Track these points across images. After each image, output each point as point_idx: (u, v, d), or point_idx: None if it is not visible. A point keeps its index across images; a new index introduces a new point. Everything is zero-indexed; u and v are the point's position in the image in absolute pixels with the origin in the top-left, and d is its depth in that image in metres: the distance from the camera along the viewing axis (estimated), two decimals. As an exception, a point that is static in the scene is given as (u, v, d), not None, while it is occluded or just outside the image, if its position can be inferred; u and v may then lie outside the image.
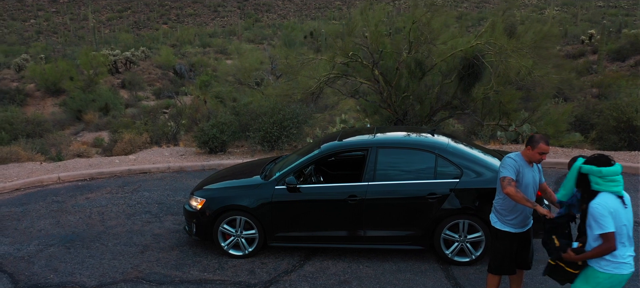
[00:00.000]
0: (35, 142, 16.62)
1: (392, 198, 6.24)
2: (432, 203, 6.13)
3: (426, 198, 6.13)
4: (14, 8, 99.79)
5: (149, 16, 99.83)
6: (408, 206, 6.21)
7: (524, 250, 5.07)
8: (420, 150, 6.38)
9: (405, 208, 6.22)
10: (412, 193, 6.19)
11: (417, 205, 6.17)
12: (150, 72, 41.14)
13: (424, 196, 6.14)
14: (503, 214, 4.90)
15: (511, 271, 5.02)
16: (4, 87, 33.21)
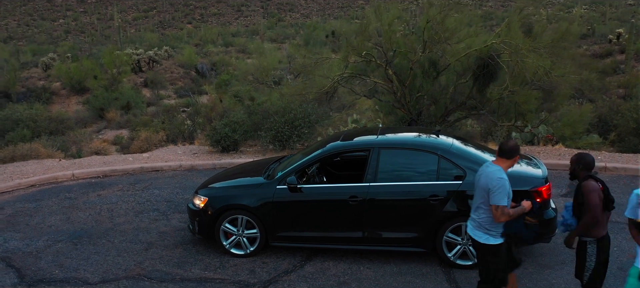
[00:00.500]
0: (56, 140, 16.98)
1: (393, 199, 6.18)
2: (434, 205, 6.04)
3: (428, 199, 6.05)
4: (44, 8, 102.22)
5: (174, 16, 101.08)
6: (410, 208, 6.14)
7: (510, 251, 4.97)
8: (422, 151, 6.30)
9: (407, 209, 6.14)
10: (414, 195, 6.11)
11: (419, 207, 6.09)
12: (172, 71, 41.63)
13: (426, 198, 6.06)
14: (492, 229, 4.66)
15: (506, 280, 4.89)
16: (31, 86, 34.01)
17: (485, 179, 4.60)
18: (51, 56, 42.04)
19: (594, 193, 4.36)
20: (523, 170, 6.32)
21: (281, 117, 11.63)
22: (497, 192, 4.49)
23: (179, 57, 44.37)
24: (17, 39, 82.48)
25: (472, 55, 11.95)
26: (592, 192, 4.36)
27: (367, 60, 13.18)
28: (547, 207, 6.12)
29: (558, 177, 9.59)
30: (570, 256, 6.40)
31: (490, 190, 4.53)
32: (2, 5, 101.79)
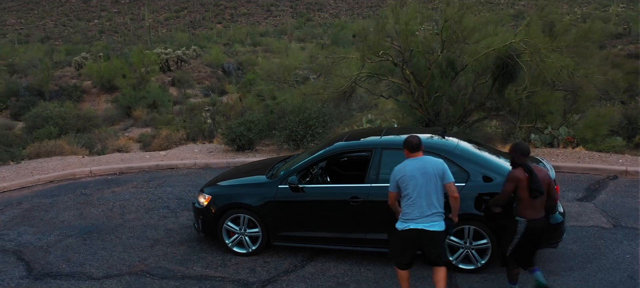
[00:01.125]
0: (82, 137, 17.38)
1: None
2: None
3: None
4: (80, 9, 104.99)
5: (204, 16, 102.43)
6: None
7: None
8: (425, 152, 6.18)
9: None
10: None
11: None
12: (200, 70, 42.18)
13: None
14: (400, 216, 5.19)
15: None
16: (63, 84, 34.95)
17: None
18: (83, 55, 43.12)
19: (510, 182, 5.06)
20: (528, 173, 6.14)
21: (295, 116, 11.62)
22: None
23: (206, 57, 44.96)
24: (54, 39, 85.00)
25: (491, 55, 11.72)
26: (510, 181, 5.06)
27: (384, 59, 13.08)
28: (554, 211, 5.92)
29: (576, 181, 9.32)
30: (578, 262, 6.21)
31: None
32: (40, 6, 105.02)
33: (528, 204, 5.00)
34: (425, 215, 4.92)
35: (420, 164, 5.02)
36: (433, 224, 4.94)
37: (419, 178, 4.94)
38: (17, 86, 32.75)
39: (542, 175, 5.08)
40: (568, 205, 8.07)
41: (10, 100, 31.33)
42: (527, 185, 4.94)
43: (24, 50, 50.40)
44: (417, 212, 4.92)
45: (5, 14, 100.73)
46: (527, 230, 5.04)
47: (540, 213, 5.07)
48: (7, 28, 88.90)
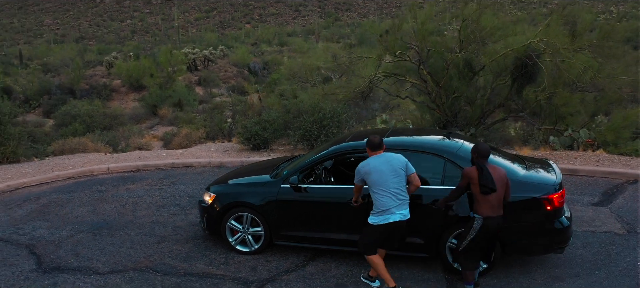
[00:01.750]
0: (107, 135, 17.81)
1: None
2: (437, 210, 5.84)
3: (431, 204, 5.86)
4: (113, 10, 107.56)
5: (234, 16, 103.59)
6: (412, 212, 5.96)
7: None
8: (428, 153, 6.12)
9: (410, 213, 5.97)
10: (417, 199, 5.93)
11: (422, 211, 5.91)
12: (226, 69, 42.69)
13: (429, 203, 5.87)
14: (374, 210, 5.49)
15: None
16: (94, 83, 35.88)
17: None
18: (114, 55, 44.17)
19: (463, 179, 5.28)
20: (533, 176, 6.01)
21: (310, 116, 11.63)
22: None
23: (232, 57, 45.45)
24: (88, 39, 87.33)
25: (509, 56, 11.51)
26: (463, 177, 5.29)
27: (402, 59, 13.00)
28: (560, 215, 5.78)
29: (593, 185, 9.06)
30: (586, 269, 6.04)
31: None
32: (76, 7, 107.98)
33: (482, 201, 5.19)
34: (397, 204, 5.32)
35: (383, 159, 5.42)
36: (405, 214, 5.39)
37: (386, 171, 5.32)
38: (50, 85, 33.76)
39: (498, 174, 5.25)
40: (582, 210, 7.86)
41: (43, 98, 32.33)
42: (477, 182, 5.17)
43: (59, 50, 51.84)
44: (391, 201, 5.29)
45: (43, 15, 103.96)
46: (482, 227, 5.22)
47: (497, 211, 5.24)
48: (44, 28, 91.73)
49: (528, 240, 5.78)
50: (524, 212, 5.74)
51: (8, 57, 55.83)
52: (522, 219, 5.74)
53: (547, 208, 5.66)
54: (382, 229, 5.34)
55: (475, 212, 5.29)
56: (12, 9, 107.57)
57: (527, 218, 5.73)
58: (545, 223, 5.71)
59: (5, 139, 11.52)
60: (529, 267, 6.09)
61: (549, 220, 5.71)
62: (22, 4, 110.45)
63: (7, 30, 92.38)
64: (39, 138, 17.28)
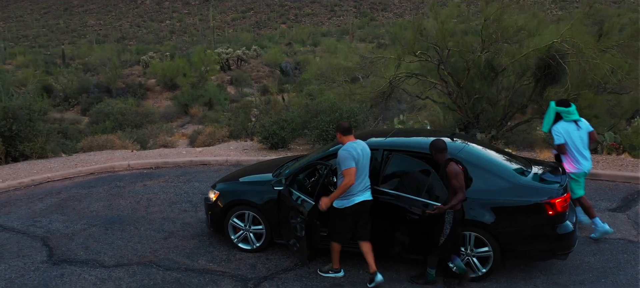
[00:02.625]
0: (136, 132, 18.29)
1: (392, 204, 5.96)
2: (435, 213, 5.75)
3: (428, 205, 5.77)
4: (153, 10, 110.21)
5: (269, 16, 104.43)
6: (409, 213, 5.89)
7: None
8: (427, 155, 6.02)
9: (407, 215, 5.91)
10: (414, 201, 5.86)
11: (419, 213, 5.83)
12: (258, 69, 43.12)
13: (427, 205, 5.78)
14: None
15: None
16: (130, 82, 36.84)
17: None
18: (151, 55, 45.27)
19: (459, 175, 5.31)
20: (536, 180, 5.85)
21: (327, 116, 11.64)
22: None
23: (265, 56, 45.86)
24: (129, 39, 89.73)
25: (531, 56, 11.22)
26: (458, 174, 5.30)
27: (422, 59, 12.85)
28: (562, 220, 5.60)
29: (614, 190, 8.74)
30: (592, 276, 5.84)
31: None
32: (117, 8, 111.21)
33: (452, 195, 5.38)
34: (364, 188, 5.67)
35: (361, 146, 5.72)
36: (370, 195, 5.72)
37: (363, 158, 5.63)
38: (88, 83, 34.86)
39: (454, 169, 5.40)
40: (598, 216, 7.58)
41: (81, 97, 33.45)
42: (463, 175, 5.41)
43: (99, 50, 53.51)
44: (361, 186, 5.62)
45: (87, 16, 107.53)
46: (455, 220, 5.41)
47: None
48: (87, 29, 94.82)
49: (528, 245, 5.64)
50: (523, 216, 5.61)
51: (52, 56, 57.98)
52: (522, 224, 5.61)
53: (549, 213, 5.51)
54: (353, 210, 5.61)
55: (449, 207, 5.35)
56: (59, 11, 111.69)
57: (527, 222, 5.59)
58: (546, 229, 5.55)
59: (34, 135, 11.96)
60: (531, 272, 5.94)
61: (551, 225, 5.54)
62: (68, 5, 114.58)
63: (53, 30, 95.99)
64: (71, 135, 17.91)
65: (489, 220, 5.60)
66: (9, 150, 11.78)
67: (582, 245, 6.59)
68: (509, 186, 5.69)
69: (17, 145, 11.81)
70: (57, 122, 25.75)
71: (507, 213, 5.62)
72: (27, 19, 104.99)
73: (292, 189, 6.21)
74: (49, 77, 36.72)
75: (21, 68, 43.75)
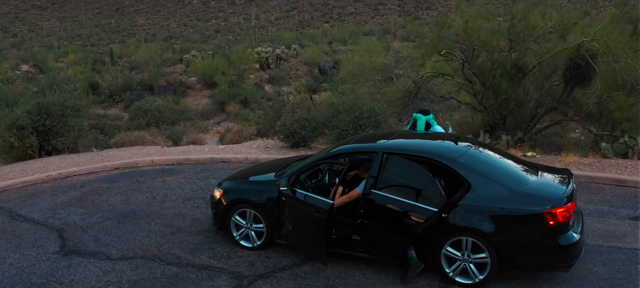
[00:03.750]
0: (169, 129, 18.76)
1: (390, 207, 5.86)
2: (434, 217, 5.62)
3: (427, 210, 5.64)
4: (200, 10, 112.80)
5: (313, 15, 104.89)
6: (407, 218, 5.78)
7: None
8: (426, 159, 5.89)
9: (405, 219, 5.80)
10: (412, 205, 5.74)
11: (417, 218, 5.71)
12: (297, 68, 43.39)
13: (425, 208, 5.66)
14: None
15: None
16: (171, 80, 37.85)
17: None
18: (193, 53, 46.31)
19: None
20: (539, 187, 5.62)
21: (347, 115, 11.58)
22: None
23: (304, 55, 46.10)
24: (175, 38, 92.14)
25: (559, 56, 10.80)
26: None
27: (447, 59, 12.61)
28: (565, 230, 5.35)
29: (638, 197, 8.28)
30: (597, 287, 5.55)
31: None
32: (166, 8, 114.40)
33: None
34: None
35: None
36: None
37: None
38: (132, 81, 36.03)
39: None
40: (616, 223, 7.24)
41: (125, 94, 34.62)
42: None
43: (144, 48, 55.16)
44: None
45: (137, 16, 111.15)
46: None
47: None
48: (137, 28, 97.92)
49: (527, 255, 5.41)
50: (522, 225, 5.39)
51: (102, 55, 60.25)
52: (520, 233, 5.40)
53: (550, 223, 5.27)
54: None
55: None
56: (111, 11, 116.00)
57: (526, 232, 5.37)
58: (546, 239, 5.32)
59: (66, 131, 12.46)
60: (534, 282, 5.70)
61: (552, 236, 5.31)
62: (119, 5, 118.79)
63: (104, 30, 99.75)
64: (108, 130, 18.55)
65: (486, 228, 5.42)
66: (42, 144, 12.31)
67: (592, 253, 6.30)
68: (508, 193, 5.49)
69: (50, 139, 12.34)
70: (100, 118, 26.83)
71: (505, 221, 5.42)
72: (82, 18, 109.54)
73: (295, 188, 6.24)
74: (96, 75, 38.13)
75: (72, 66, 45.71)
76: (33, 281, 6.14)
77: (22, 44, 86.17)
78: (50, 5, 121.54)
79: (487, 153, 6.29)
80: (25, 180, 10.14)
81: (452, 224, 5.56)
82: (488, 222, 5.43)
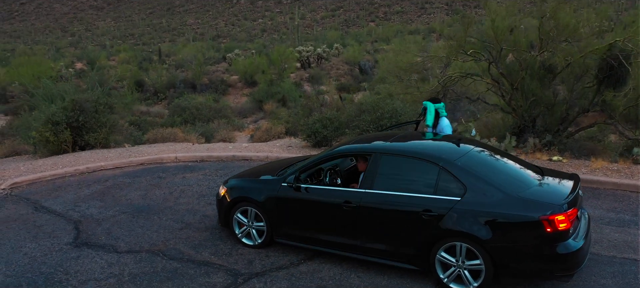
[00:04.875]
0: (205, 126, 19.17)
1: (386, 209, 5.79)
2: (427, 221, 5.51)
3: (420, 214, 5.54)
4: (247, 9, 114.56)
5: (359, 14, 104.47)
6: (402, 220, 5.69)
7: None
8: (423, 160, 5.77)
9: (400, 222, 5.71)
10: (407, 207, 5.65)
11: (411, 220, 5.62)
12: (338, 67, 43.34)
13: (419, 211, 5.55)
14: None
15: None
16: (214, 78, 38.60)
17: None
18: (236, 52, 47.08)
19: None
20: (537, 193, 5.39)
21: (369, 115, 11.48)
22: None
23: (345, 55, 46.02)
24: (223, 37, 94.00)
25: (592, 56, 10.32)
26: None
27: (474, 58, 12.30)
28: (564, 238, 5.11)
29: (668, 207, 7.80)
30: (599, 301, 5.28)
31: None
32: (214, 7, 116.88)
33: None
34: None
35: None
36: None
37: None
38: (175, 79, 37.01)
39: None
40: (634, 233, 6.84)
41: (169, 91, 35.60)
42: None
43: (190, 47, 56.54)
44: None
45: (187, 15, 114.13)
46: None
47: None
48: (186, 28, 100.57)
49: (523, 263, 5.21)
50: (518, 231, 5.19)
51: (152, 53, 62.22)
52: (516, 240, 5.20)
53: (547, 230, 5.05)
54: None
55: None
56: (162, 11, 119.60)
57: (522, 239, 5.17)
58: (544, 247, 5.10)
59: (98, 127, 12.95)
60: (534, 291, 5.49)
61: (549, 243, 5.08)
62: (170, 5, 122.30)
63: (156, 29, 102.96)
64: (144, 126, 19.13)
65: (481, 234, 5.25)
66: (76, 139, 12.85)
67: (603, 263, 5.99)
68: (505, 198, 5.29)
69: (83, 135, 12.85)
70: (143, 114, 27.73)
71: (501, 227, 5.23)
72: (135, 18, 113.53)
73: (300, 185, 6.32)
74: (142, 73, 39.40)
75: (122, 64, 47.44)
76: (42, 270, 6.41)
77: (79, 43, 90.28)
78: (106, 5, 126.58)
79: (490, 156, 6.09)
80: (54, 174, 10.60)
81: (447, 228, 5.42)
82: (483, 227, 5.26)
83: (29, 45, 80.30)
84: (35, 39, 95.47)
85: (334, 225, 6.15)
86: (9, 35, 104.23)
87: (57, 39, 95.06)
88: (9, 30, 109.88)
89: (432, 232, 5.49)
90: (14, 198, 9.30)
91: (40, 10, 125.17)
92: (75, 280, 6.12)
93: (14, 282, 6.11)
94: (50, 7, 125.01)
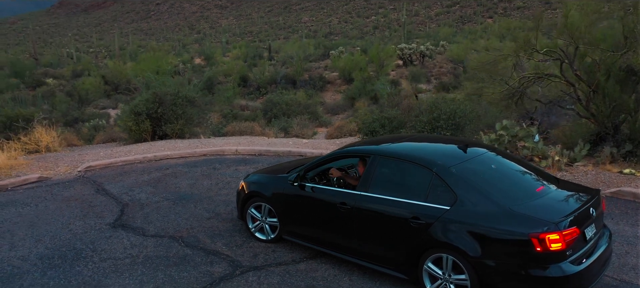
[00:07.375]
0: (284, 121, 19.74)
1: (378, 213, 5.62)
2: (415, 229, 5.26)
3: (408, 220, 5.30)
4: (361, 7, 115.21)
5: (476, 11, 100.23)
6: (391, 225, 5.49)
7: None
8: (418, 165, 5.50)
9: (390, 227, 5.51)
10: (396, 212, 5.44)
11: (400, 226, 5.40)
12: (441, 65, 42.03)
13: (407, 218, 5.31)
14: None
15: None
16: (314, 75, 39.44)
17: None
18: (340, 49, 47.61)
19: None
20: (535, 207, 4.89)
21: (425, 116, 11.07)
22: None
23: (449, 52, 44.51)
24: (335, 34, 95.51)
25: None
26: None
27: (547, 58, 11.34)
28: (558, 260, 4.59)
29: None
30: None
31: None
32: (329, 5, 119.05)
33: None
34: None
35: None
36: None
37: None
38: (278, 75, 38.41)
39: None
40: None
41: (270, 87, 37.07)
42: None
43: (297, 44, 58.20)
44: None
45: (302, 13, 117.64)
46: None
47: None
48: (301, 25, 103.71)
49: (510, 283, 4.76)
50: (506, 248, 4.77)
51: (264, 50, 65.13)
52: (503, 257, 4.78)
53: (537, 250, 4.57)
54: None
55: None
56: (279, 9, 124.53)
57: (510, 257, 4.74)
58: (532, 268, 4.62)
59: (175, 118, 13.92)
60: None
61: (539, 264, 4.60)
62: (287, 3, 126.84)
63: (272, 27, 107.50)
64: (228, 118, 20.13)
65: (467, 247, 4.89)
66: (155, 129, 13.93)
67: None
68: (497, 211, 4.86)
69: (162, 125, 13.89)
70: (242, 109, 29.20)
71: (489, 242, 4.83)
72: (254, 16, 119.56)
73: (304, 184, 6.37)
74: (247, 69, 41.41)
75: (233, 60, 50.31)
76: (76, 246, 7.09)
77: (203, 39, 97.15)
78: (229, 4, 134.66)
79: (499, 164, 5.62)
80: (125, 160, 11.61)
81: (434, 238, 5.12)
82: (470, 240, 4.89)
83: (161, 42, 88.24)
84: (166, 36, 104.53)
85: (332, 225, 6.09)
86: (145, 32, 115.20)
87: (184, 36, 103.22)
88: (146, 28, 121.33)
89: (420, 241, 5.22)
90: (84, 180, 10.35)
91: (173, 9, 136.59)
92: (97, 257, 6.70)
93: (48, 254, 6.83)
94: (181, 7, 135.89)
